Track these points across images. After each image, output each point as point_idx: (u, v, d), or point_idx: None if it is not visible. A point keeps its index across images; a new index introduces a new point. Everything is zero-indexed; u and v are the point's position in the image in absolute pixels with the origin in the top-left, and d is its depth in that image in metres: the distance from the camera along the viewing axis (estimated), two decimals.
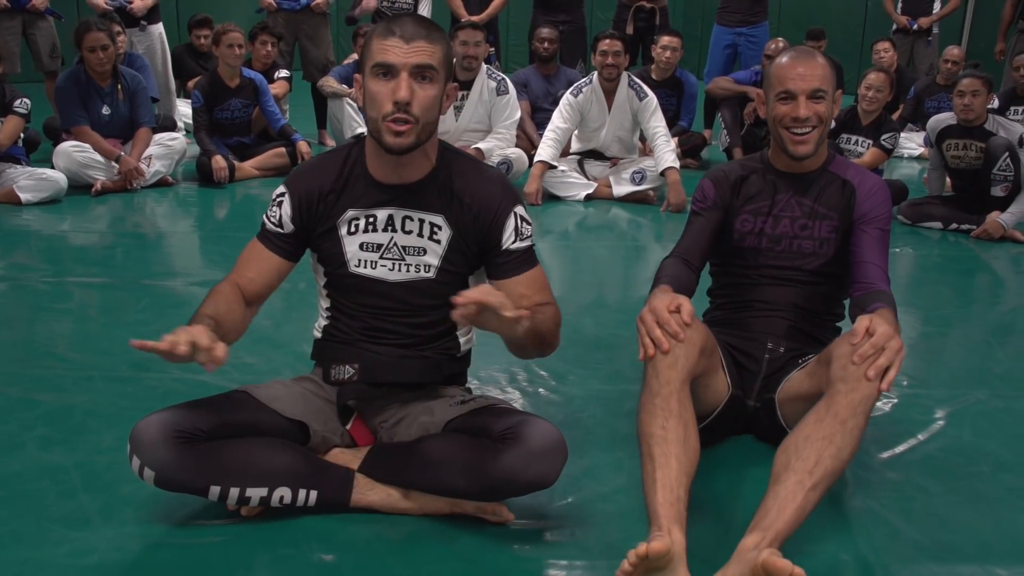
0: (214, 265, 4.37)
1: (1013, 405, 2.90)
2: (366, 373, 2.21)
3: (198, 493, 2.01)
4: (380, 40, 1.99)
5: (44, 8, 6.76)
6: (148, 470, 1.94)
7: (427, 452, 2.07)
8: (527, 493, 2.02)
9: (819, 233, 2.52)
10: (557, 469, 1.98)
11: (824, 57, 2.48)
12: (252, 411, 2.10)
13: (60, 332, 3.38)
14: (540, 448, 1.95)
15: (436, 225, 2.14)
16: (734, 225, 2.57)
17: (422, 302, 2.19)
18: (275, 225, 2.19)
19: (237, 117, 6.26)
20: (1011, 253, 4.95)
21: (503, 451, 1.96)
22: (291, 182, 2.19)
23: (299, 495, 2.07)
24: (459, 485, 2.02)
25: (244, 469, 2.01)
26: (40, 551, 1.98)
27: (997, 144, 5.01)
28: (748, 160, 2.65)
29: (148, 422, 1.96)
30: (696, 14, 14.03)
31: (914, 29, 8.89)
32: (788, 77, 2.43)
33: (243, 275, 2.20)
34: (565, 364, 3.04)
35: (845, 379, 1.98)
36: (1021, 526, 2.20)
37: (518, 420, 2.01)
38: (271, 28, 7.06)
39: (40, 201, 5.30)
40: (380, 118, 1.99)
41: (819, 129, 2.44)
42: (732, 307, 2.64)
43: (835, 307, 2.63)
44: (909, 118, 7.95)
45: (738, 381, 2.47)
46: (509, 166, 5.89)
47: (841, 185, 2.52)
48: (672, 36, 6.83)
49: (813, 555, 2.04)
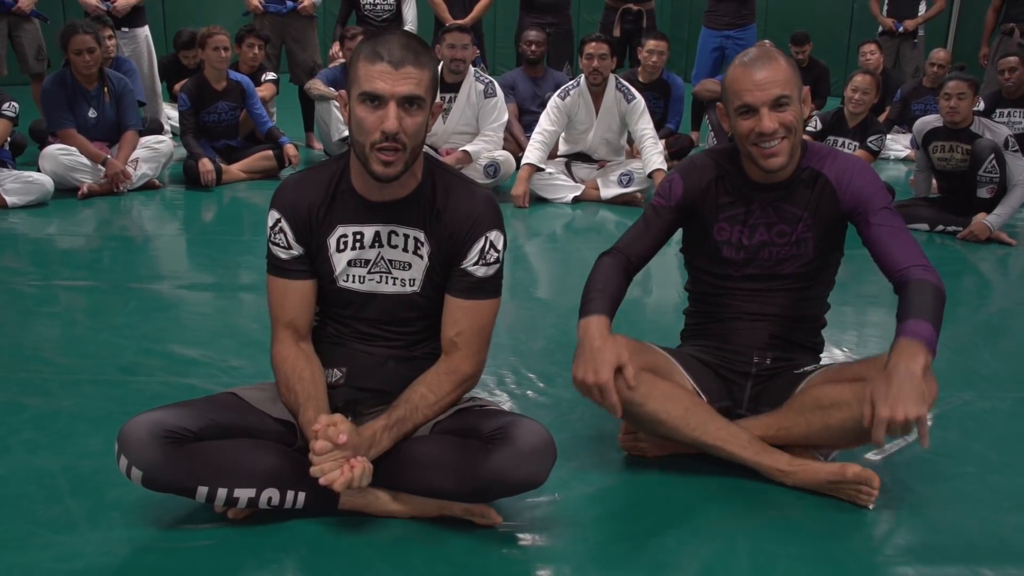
0: (201, 268, 4.35)
1: (1000, 406, 2.91)
2: (352, 377, 2.22)
3: (185, 494, 1.99)
4: (367, 65, 1.94)
5: (30, 10, 6.73)
6: (136, 470, 1.92)
7: (416, 454, 2.07)
8: (517, 493, 2.03)
9: (796, 236, 2.37)
10: (547, 469, 1.98)
11: (782, 56, 2.27)
12: (240, 413, 2.10)
13: (46, 336, 3.37)
14: (530, 448, 1.95)
15: (419, 240, 2.13)
16: (712, 234, 2.42)
17: (409, 314, 2.20)
18: (286, 252, 2.14)
19: (224, 120, 6.25)
20: (997, 255, 4.98)
21: (492, 452, 1.95)
22: (279, 205, 2.14)
23: (287, 496, 2.06)
24: (448, 487, 2.02)
25: (232, 469, 2.00)
26: (26, 555, 1.97)
27: (983, 146, 5.03)
28: (723, 157, 2.42)
29: (136, 422, 1.95)
30: (683, 17, 14.06)
31: (900, 31, 8.92)
32: (744, 89, 2.23)
33: (288, 317, 2.16)
34: (553, 366, 3.05)
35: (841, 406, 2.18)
36: (1007, 527, 2.21)
37: (507, 421, 2.01)
38: (258, 31, 7.05)
39: (26, 204, 5.28)
40: (368, 145, 1.97)
41: (788, 139, 2.24)
42: (712, 318, 2.53)
43: (819, 308, 2.53)
44: (896, 120, 7.98)
45: (726, 394, 2.46)
46: (496, 168, 5.89)
47: (815, 179, 2.34)
48: (659, 39, 6.84)
49: (800, 556, 2.05)
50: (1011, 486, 2.41)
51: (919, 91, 7.86)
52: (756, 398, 2.47)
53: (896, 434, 2.00)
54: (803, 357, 2.49)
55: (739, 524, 2.18)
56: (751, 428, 2.34)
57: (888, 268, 2.24)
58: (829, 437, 2.26)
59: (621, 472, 2.40)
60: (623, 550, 2.07)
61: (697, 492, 2.30)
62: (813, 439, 2.28)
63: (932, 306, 2.12)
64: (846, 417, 2.18)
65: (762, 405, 2.44)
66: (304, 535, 2.07)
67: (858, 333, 3.52)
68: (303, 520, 2.10)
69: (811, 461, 2.29)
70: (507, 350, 3.25)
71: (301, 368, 2.13)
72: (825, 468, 2.26)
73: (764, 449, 2.30)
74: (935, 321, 2.10)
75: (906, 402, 1.97)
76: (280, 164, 6.24)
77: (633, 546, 2.08)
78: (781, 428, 2.30)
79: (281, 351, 2.15)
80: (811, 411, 2.24)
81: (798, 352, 2.49)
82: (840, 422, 2.20)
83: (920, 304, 2.12)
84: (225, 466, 2.00)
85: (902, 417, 1.96)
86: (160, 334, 3.34)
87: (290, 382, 2.11)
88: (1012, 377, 3.17)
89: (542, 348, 3.31)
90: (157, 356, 3.12)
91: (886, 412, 1.97)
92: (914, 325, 2.08)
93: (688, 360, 2.46)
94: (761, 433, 2.32)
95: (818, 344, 2.57)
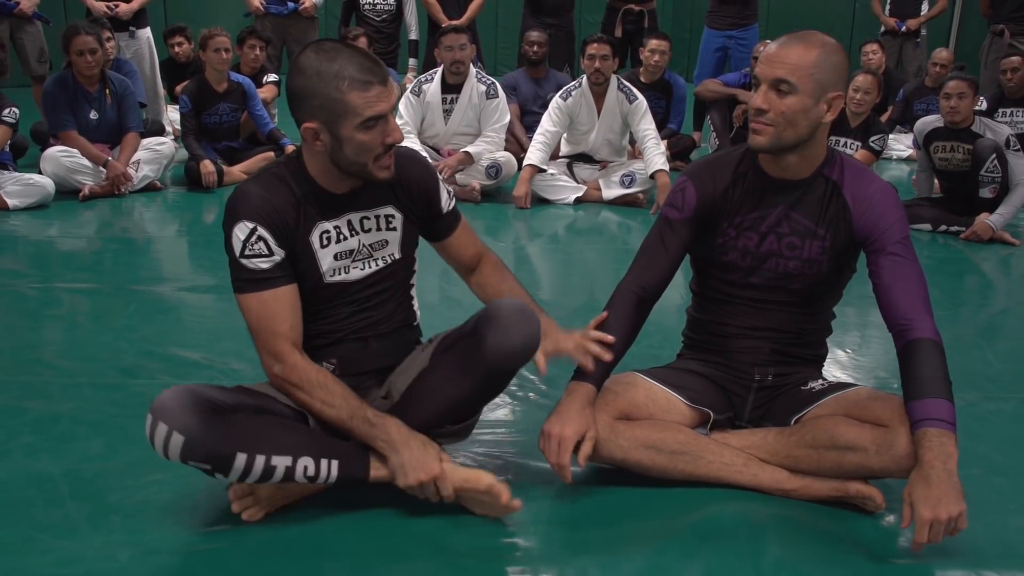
0: (202, 270, 4.35)
1: (1004, 408, 2.90)
2: (345, 366, 2.25)
3: (221, 464, 1.94)
4: (361, 94, 1.97)
5: (32, 12, 6.73)
6: (177, 435, 1.88)
7: (425, 384, 2.20)
8: (524, 362, 2.15)
9: (808, 254, 2.27)
10: (536, 329, 2.13)
11: (820, 48, 2.12)
12: (262, 399, 2.10)
13: (47, 338, 3.36)
14: (513, 316, 2.10)
15: (389, 215, 2.23)
16: (721, 235, 2.33)
17: (389, 284, 2.28)
18: (267, 260, 2.06)
19: (225, 121, 6.24)
20: (1000, 255, 4.96)
21: (483, 336, 2.08)
22: (249, 215, 2.05)
23: (321, 466, 2.04)
24: (464, 390, 2.16)
25: (270, 437, 1.99)
26: (27, 560, 1.97)
27: (984, 146, 5.02)
28: (741, 156, 2.32)
29: (171, 393, 1.92)
30: (685, 17, 14.04)
31: (902, 31, 8.91)
32: (760, 60, 2.16)
33: (285, 327, 2.09)
34: (555, 368, 3.02)
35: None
36: (1012, 529, 2.20)
37: (480, 313, 2.16)
38: (259, 32, 7.05)
39: (27, 206, 5.27)
40: (372, 160, 2.05)
41: (775, 128, 2.12)
42: (713, 333, 2.45)
43: (824, 321, 2.46)
44: (898, 120, 7.97)
45: (728, 406, 2.43)
46: (498, 169, 5.88)
47: (834, 196, 2.24)
48: (660, 39, 6.83)
49: (803, 559, 2.04)
50: (1016, 488, 2.40)
51: (921, 91, 7.85)
52: (759, 409, 2.43)
53: (937, 539, 1.95)
54: (806, 370, 2.44)
55: (741, 526, 2.17)
56: (754, 449, 2.31)
57: (889, 315, 2.18)
58: (839, 475, 2.21)
59: (621, 474, 2.39)
60: (624, 553, 2.06)
61: (698, 494, 2.29)
62: (822, 474, 2.23)
63: (944, 376, 2.08)
64: (860, 462, 2.14)
65: (765, 419, 2.42)
66: (305, 537, 2.06)
67: (860, 334, 3.51)
68: (303, 522, 2.10)
69: (812, 480, 2.26)
70: None
71: (329, 373, 2.12)
72: (827, 485, 2.24)
73: (761, 469, 2.28)
74: (950, 395, 2.06)
75: (948, 503, 1.93)
76: None
77: (636, 548, 2.08)
78: (789, 457, 2.26)
79: (295, 362, 2.08)
80: (825, 448, 2.19)
81: (800, 365, 2.43)
82: (854, 466, 2.16)
83: (934, 378, 2.07)
84: (263, 434, 1.99)
85: (945, 518, 1.92)
86: (161, 336, 3.33)
87: (328, 385, 2.07)
88: (1016, 378, 3.16)
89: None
90: (158, 359, 3.11)
91: (929, 514, 1.92)
92: (935, 408, 2.03)
93: (686, 377, 2.42)
94: (766, 457, 2.29)
95: (821, 356, 2.51)
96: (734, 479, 2.28)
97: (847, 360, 3.25)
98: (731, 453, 2.30)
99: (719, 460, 2.28)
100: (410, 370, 2.27)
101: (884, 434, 2.10)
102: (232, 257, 2.07)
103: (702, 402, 2.38)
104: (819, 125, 2.17)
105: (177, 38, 7.53)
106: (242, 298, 2.09)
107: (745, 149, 2.29)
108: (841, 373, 3.10)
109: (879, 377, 3.13)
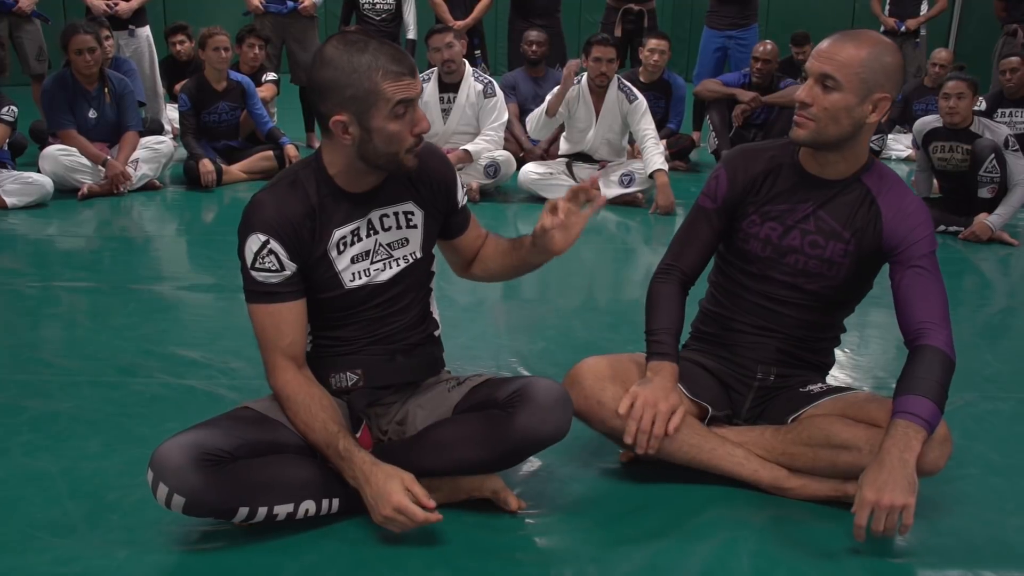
0: (201, 269, 4.35)
1: (1002, 407, 2.90)
2: (370, 378, 2.21)
3: (225, 516, 1.97)
4: (393, 82, 1.94)
5: (31, 11, 6.73)
6: (177, 497, 1.88)
7: (442, 435, 2.12)
8: (545, 448, 2.10)
9: (829, 254, 2.27)
10: (569, 419, 2.09)
11: (872, 47, 2.09)
12: (263, 427, 2.06)
13: (46, 337, 3.36)
14: (551, 403, 2.05)
15: (409, 212, 2.19)
16: (741, 223, 2.34)
17: (411, 283, 2.23)
18: (277, 275, 2.05)
19: (224, 120, 6.24)
20: (999, 255, 4.97)
21: (515, 414, 2.03)
22: (263, 227, 2.03)
23: (323, 505, 2.07)
24: (480, 456, 2.08)
25: (270, 487, 1.99)
26: (24, 558, 1.97)
27: (983, 146, 5.03)
28: (781, 149, 2.33)
29: (170, 447, 1.90)
30: (684, 16, 14.05)
31: (902, 31, 8.90)
32: (812, 54, 2.14)
33: (285, 343, 2.09)
34: (555, 367, 3.03)
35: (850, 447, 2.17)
36: (1010, 529, 2.20)
37: (521, 383, 2.10)
38: (258, 31, 7.05)
39: (26, 205, 5.27)
40: (402, 151, 2.02)
41: (817, 123, 2.13)
42: (723, 325, 2.45)
43: (832, 332, 2.46)
44: (897, 120, 7.97)
45: (727, 402, 2.44)
46: (497, 168, 5.88)
47: (868, 204, 2.24)
48: (660, 38, 6.84)
49: (802, 559, 2.04)
50: (1013, 488, 2.40)
51: (921, 91, 7.85)
52: (756, 409, 2.43)
53: (879, 527, 1.95)
54: (809, 374, 2.44)
55: (740, 526, 2.17)
56: (752, 445, 2.32)
57: (905, 322, 2.18)
58: (834, 474, 2.23)
59: (621, 474, 2.39)
60: (623, 552, 2.06)
61: (698, 494, 2.29)
62: (817, 472, 2.25)
63: (938, 380, 2.07)
64: (854, 462, 2.15)
65: (761, 419, 2.42)
66: (303, 538, 2.06)
67: (860, 334, 3.51)
68: (301, 520, 2.09)
69: (810, 480, 2.27)
70: (507, 350, 3.25)
71: (319, 395, 2.09)
72: (826, 484, 2.25)
73: (762, 465, 2.29)
74: (939, 399, 2.06)
75: (894, 490, 1.93)
76: (281, 165, 6.21)
77: (633, 548, 2.08)
78: (785, 454, 2.27)
79: (288, 379, 2.08)
80: (820, 447, 2.21)
81: (804, 369, 2.43)
82: (847, 465, 2.17)
83: (926, 379, 2.07)
84: (263, 484, 1.98)
85: (887, 503, 1.92)
86: (160, 335, 3.33)
87: (311, 409, 2.05)
88: (1014, 378, 3.16)
89: (542, 349, 3.30)
90: (157, 357, 3.11)
91: (872, 496, 1.94)
92: (914, 404, 2.03)
93: (690, 368, 2.42)
94: (763, 454, 2.30)
95: (827, 364, 2.51)
96: (736, 471, 2.29)
97: (846, 360, 3.25)
98: (732, 445, 2.32)
99: (723, 449, 2.29)
100: (432, 408, 2.22)
101: (878, 434, 2.10)
102: (243, 265, 2.08)
103: (702, 396, 2.38)
104: (863, 125, 2.16)
105: (179, 36, 7.55)
106: (250, 307, 2.12)
107: (789, 140, 2.28)
108: (840, 372, 3.09)
109: (877, 377, 3.13)
